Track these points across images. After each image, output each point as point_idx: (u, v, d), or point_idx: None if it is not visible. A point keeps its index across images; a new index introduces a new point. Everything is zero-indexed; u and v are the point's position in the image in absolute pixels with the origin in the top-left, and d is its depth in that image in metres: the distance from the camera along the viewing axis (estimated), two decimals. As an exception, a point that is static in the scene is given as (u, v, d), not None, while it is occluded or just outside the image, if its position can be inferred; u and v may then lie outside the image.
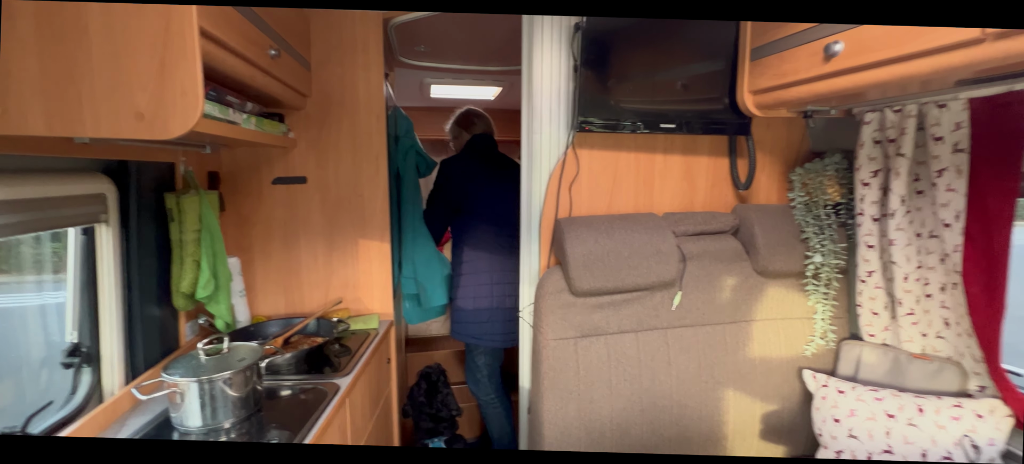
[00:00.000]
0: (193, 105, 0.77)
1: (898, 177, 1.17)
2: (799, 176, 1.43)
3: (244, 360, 1.04)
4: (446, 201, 1.84)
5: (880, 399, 1.22)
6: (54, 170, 0.94)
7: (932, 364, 1.22)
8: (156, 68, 0.74)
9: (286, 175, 1.56)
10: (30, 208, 0.87)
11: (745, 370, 1.36)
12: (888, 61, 0.87)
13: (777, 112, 1.28)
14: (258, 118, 1.22)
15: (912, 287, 1.23)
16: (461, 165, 1.85)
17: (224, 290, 1.32)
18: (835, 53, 0.95)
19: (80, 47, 0.71)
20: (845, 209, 1.38)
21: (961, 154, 1.05)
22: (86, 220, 1.02)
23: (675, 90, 1.37)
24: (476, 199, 1.83)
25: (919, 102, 1.10)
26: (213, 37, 0.86)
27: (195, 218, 1.23)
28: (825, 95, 1.06)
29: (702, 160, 1.48)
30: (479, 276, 1.83)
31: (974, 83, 0.91)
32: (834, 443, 1.25)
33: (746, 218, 1.39)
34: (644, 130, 1.36)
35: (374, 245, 1.63)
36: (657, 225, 1.32)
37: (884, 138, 1.20)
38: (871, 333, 1.33)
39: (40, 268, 1.07)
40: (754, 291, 1.38)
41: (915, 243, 1.21)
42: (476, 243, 1.84)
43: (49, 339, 1.08)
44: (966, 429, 1.11)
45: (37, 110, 0.72)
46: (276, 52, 1.16)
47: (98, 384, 1.07)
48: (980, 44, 0.73)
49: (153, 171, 1.18)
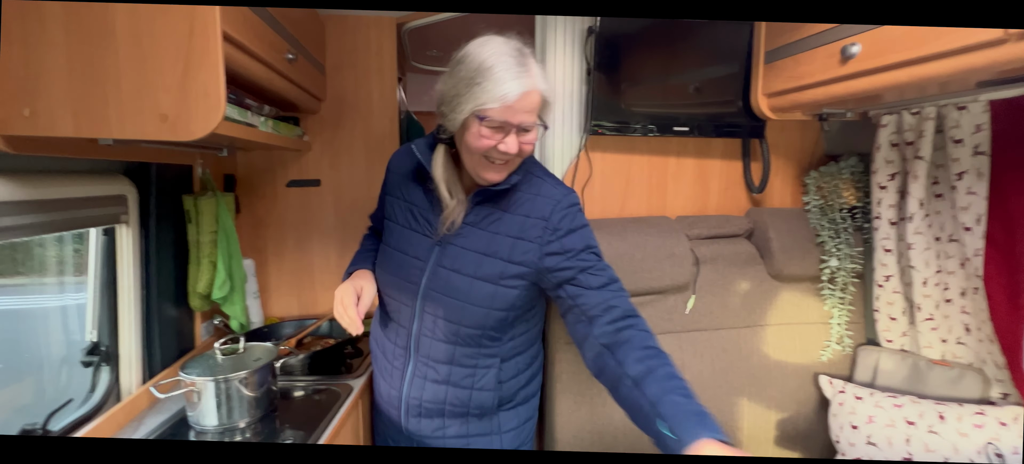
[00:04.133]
0: (215, 107, 0.78)
1: (916, 180, 1.15)
2: (814, 179, 1.41)
3: (260, 360, 1.04)
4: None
5: (899, 406, 1.20)
6: (77, 171, 0.96)
7: (953, 370, 1.20)
8: (180, 70, 0.75)
9: (300, 178, 1.58)
10: (55, 208, 0.89)
11: (760, 375, 1.34)
12: (907, 63, 0.86)
13: (792, 115, 1.28)
14: (274, 121, 1.23)
15: (931, 292, 1.21)
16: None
17: (239, 291, 1.33)
18: (852, 55, 0.95)
19: (107, 49, 0.73)
20: (861, 213, 1.36)
21: (982, 157, 1.04)
22: (107, 221, 1.04)
23: (688, 93, 1.36)
24: None
25: (938, 104, 1.09)
26: (234, 41, 0.87)
27: (212, 220, 1.25)
28: (842, 98, 1.05)
29: (715, 163, 1.47)
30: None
31: (996, 84, 0.90)
32: (852, 450, 1.23)
33: (760, 222, 1.38)
34: (657, 133, 1.36)
35: (386, 248, 1.64)
36: (670, 228, 1.31)
37: (901, 141, 1.19)
38: (889, 338, 1.31)
39: (62, 269, 1.09)
40: (768, 295, 1.36)
41: (934, 247, 1.19)
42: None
43: (69, 338, 1.09)
44: (990, 437, 1.09)
45: (65, 111, 0.73)
46: (293, 56, 1.17)
47: (116, 382, 1.09)
48: (1003, 44, 0.72)
49: (172, 173, 1.20)
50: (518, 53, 0.80)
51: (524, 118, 0.80)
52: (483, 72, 0.78)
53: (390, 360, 1.00)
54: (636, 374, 0.78)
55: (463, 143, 0.85)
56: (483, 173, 0.86)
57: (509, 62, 0.78)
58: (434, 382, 0.95)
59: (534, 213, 0.90)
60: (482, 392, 0.96)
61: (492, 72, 0.78)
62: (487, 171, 0.85)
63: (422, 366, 0.95)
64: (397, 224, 0.97)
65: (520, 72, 0.78)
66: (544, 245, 0.88)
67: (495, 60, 0.78)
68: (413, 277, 0.93)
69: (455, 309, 0.90)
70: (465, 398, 0.96)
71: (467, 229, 0.90)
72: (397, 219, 0.97)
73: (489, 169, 0.85)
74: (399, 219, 0.97)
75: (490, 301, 0.90)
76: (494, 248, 0.89)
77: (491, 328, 0.92)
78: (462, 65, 0.81)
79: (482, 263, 0.89)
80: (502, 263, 0.89)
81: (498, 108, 0.78)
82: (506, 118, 0.79)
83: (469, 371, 0.95)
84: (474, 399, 0.96)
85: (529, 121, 0.81)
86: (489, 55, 0.79)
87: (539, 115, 0.83)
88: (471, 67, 0.80)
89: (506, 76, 0.77)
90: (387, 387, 1.02)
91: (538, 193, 0.91)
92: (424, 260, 0.92)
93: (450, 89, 0.83)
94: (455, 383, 0.95)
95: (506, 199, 0.91)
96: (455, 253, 0.90)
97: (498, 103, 0.78)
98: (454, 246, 0.90)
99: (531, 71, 0.80)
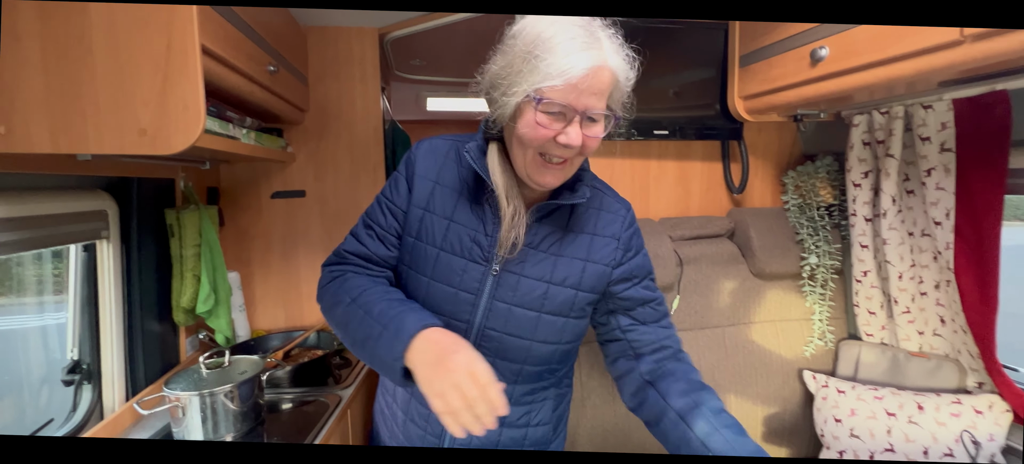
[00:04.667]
0: (195, 121, 0.78)
1: (888, 177, 1.19)
2: (792, 179, 1.45)
3: (245, 373, 1.04)
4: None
5: (880, 398, 1.23)
6: (56, 187, 0.95)
7: (930, 361, 1.23)
8: (159, 84, 0.75)
9: (285, 189, 1.58)
10: (33, 225, 0.88)
11: (745, 373, 1.36)
12: (872, 64, 0.89)
13: (768, 117, 1.31)
14: (257, 133, 1.23)
15: (907, 285, 1.24)
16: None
17: (224, 304, 1.32)
18: (821, 58, 0.98)
19: (84, 64, 0.73)
20: (838, 210, 1.40)
21: (948, 153, 1.08)
22: (87, 237, 1.03)
23: (668, 97, 1.39)
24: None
25: (905, 104, 1.13)
26: (214, 54, 0.87)
27: (195, 233, 1.24)
28: (813, 99, 1.09)
29: (696, 165, 1.50)
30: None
31: (957, 84, 0.94)
32: (836, 443, 1.26)
33: (741, 221, 1.41)
34: (638, 137, 1.39)
35: (373, 257, 1.64)
36: (653, 230, 1.34)
37: (873, 140, 1.23)
38: (869, 332, 1.34)
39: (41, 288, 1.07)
40: (752, 294, 1.39)
41: (908, 242, 1.23)
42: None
43: (50, 357, 1.08)
44: (966, 425, 1.12)
45: (42, 128, 0.73)
46: (274, 68, 1.18)
47: (99, 400, 1.07)
48: (959, 46, 0.75)
49: (153, 187, 1.19)
50: (586, 23, 0.65)
51: (591, 102, 0.64)
52: (542, 43, 0.63)
53: (425, 405, 0.78)
54: (681, 408, 0.73)
55: (516, 136, 0.69)
56: (537, 175, 0.70)
57: (575, 31, 0.63)
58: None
59: (602, 231, 0.78)
60: (538, 428, 0.84)
61: (553, 43, 0.63)
62: (542, 173, 0.69)
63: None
64: (435, 248, 0.76)
65: (588, 43, 0.63)
66: (615, 268, 0.78)
67: (557, 29, 0.64)
68: (462, 315, 0.75)
69: (519, 350, 0.76)
70: (519, 438, 0.83)
71: (527, 252, 0.75)
72: (435, 241, 0.76)
73: (544, 170, 0.69)
74: (438, 241, 0.75)
75: (559, 335, 0.77)
76: (562, 275, 0.75)
77: (557, 361, 0.81)
78: (517, 39, 0.66)
79: (548, 293, 0.75)
80: (571, 292, 0.76)
81: (560, 87, 0.62)
82: (569, 101, 0.63)
83: (525, 410, 0.83)
84: (529, 437, 0.84)
85: (597, 108, 0.65)
86: (549, 24, 0.64)
87: (610, 102, 0.67)
88: (528, 39, 0.65)
89: (572, 47, 0.62)
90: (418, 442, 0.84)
91: (602, 207, 0.79)
92: (476, 294, 0.75)
93: (503, 67, 0.67)
94: (510, 424, 0.82)
95: (570, 216, 0.77)
96: (515, 283, 0.74)
97: (561, 80, 0.62)
98: (513, 275, 0.74)
99: (602, 44, 0.64)
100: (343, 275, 0.78)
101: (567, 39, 0.62)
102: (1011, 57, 0.72)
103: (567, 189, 0.74)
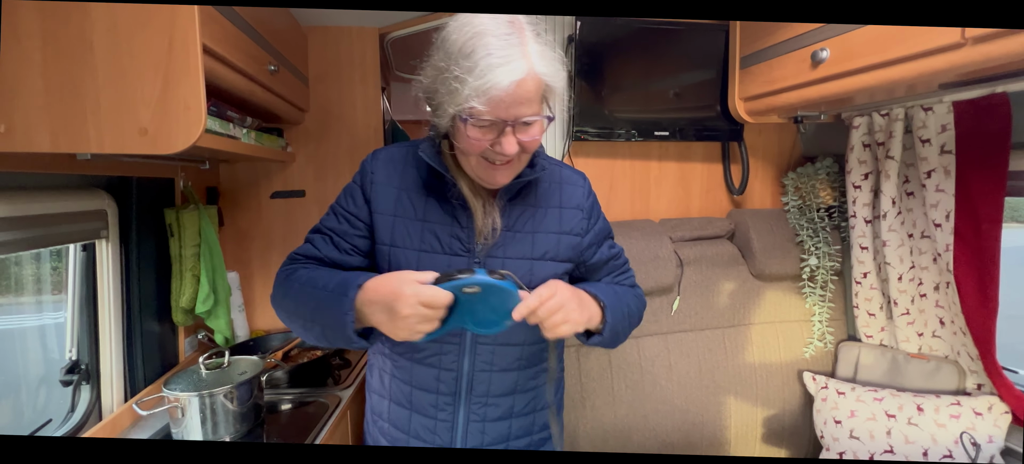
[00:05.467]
0: (196, 120, 0.78)
1: (888, 179, 1.19)
2: (792, 180, 1.45)
3: (245, 374, 1.03)
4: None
5: (880, 399, 1.23)
6: (55, 187, 0.95)
7: (929, 363, 1.23)
8: (160, 84, 0.75)
9: (285, 189, 1.57)
10: (32, 225, 0.87)
11: (745, 374, 1.36)
12: (873, 66, 0.90)
13: (768, 118, 1.31)
14: (257, 133, 1.23)
15: (906, 287, 1.24)
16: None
17: (223, 305, 1.32)
18: (822, 60, 0.98)
19: (86, 64, 0.73)
20: (837, 212, 1.40)
21: (948, 155, 1.08)
22: (87, 236, 1.03)
23: (668, 98, 1.40)
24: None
25: (905, 106, 1.13)
26: (215, 53, 0.87)
27: (194, 233, 1.24)
28: (814, 101, 1.09)
29: (696, 166, 1.50)
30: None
31: (957, 86, 0.94)
32: (836, 445, 1.26)
33: (741, 223, 1.41)
34: (639, 138, 1.39)
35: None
36: (654, 231, 1.34)
37: (873, 141, 1.23)
38: (868, 334, 1.34)
39: (40, 288, 1.07)
40: (751, 295, 1.39)
41: (908, 243, 1.23)
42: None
43: (48, 357, 1.07)
44: (965, 427, 1.12)
45: (42, 127, 0.73)
46: (275, 67, 1.18)
47: (97, 401, 1.06)
48: (960, 48, 0.75)
49: (153, 187, 1.19)
50: (507, 29, 0.63)
51: (520, 111, 0.64)
52: (463, 60, 0.62)
53: (430, 416, 0.81)
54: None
55: (457, 146, 0.71)
56: (486, 176, 0.71)
57: (494, 45, 0.61)
58: (495, 420, 0.82)
59: (568, 202, 0.80)
60: (544, 411, 0.87)
61: (473, 60, 0.61)
62: (490, 174, 0.71)
63: (479, 408, 0.81)
64: (415, 250, 0.76)
65: (508, 55, 0.61)
66: (584, 236, 0.81)
67: (476, 43, 0.62)
68: None
69: (516, 331, 0.74)
70: (528, 425, 0.85)
71: (505, 235, 0.76)
72: (413, 244, 0.76)
73: (492, 172, 0.70)
74: (416, 244, 0.76)
75: None
76: (541, 249, 0.78)
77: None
78: (440, 51, 0.66)
79: (533, 269, 0.77)
80: (553, 264, 0.78)
81: (484, 106, 0.62)
82: (497, 115, 0.63)
83: (531, 395, 0.84)
84: (537, 422, 0.86)
85: (528, 114, 0.65)
86: (469, 38, 0.62)
87: (545, 103, 0.67)
88: (450, 54, 0.64)
89: (491, 63, 0.61)
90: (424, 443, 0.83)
91: (563, 180, 0.82)
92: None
93: (432, 81, 0.68)
94: (519, 413, 0.84)
95: (535, 192, 0.79)
96: (499, 266, 0.75)
97: (483, 99, 0.61)
98: (496, 259, 0.76)
99: (525, 51, 0.62)
100: (293, 271, 0.78)
101: (486, 55, 0.61)
102: (1012, 60, 0.72)
103: (526, 166, 0.75)
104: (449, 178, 0.74)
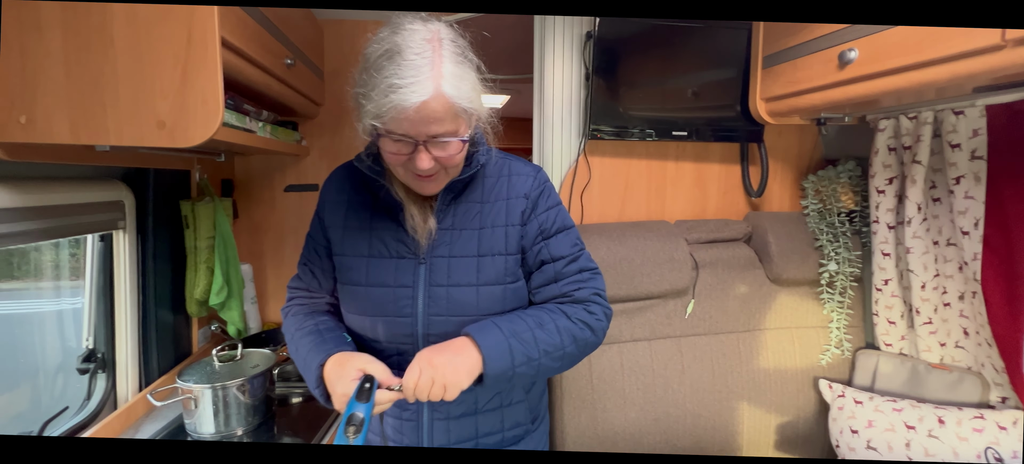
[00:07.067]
0: (213, 113, 0.78)
1: (914, 184, 1.16)
2: (812, 183, 1.42)
3: (258, 367, 1.04)
4: None
5: (899, 410, 1.20)
6: (75, 178, 0.96)
7: (952, 374, 1.20)
8: (178, 77, 0.75)
9: (298, 183, 1.58)
10: (52, 214, 0.88)
11: (759, 379, 1.34)
12: (904, 68, 0.86)
13: (790, 119, 1.28)
14: (273, 126, 1.23)
15: (930, 295, 1.21)
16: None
17: (237, 297, 1.33)
18: (850, 60, 0.95)
19: (106, 57, 0.73)
20: (859, 217, 1.37)
21: (979, 161, 1.04)
22: (104, 227, 1.04)
23: (686, 97, 1.37)
24: None
25: (935, 109, 1.09)
26: (233, 47, 0.87)
27: (209, 225, 1.24)
28: (839, 102, 1.06)
29: (714, 167, 1.47)
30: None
31: (992, 89, 0.90)
32: (852, 455, 1.23)
33: (759, 225, 1.38)
34: (655, 137, 1.36)
35: (385, 252, 1.63)
36: (669, 232, 1.31)
37: (899, 145, 1.19)
38: (888, 342, 1.31)
39: (58, 273, 1.08)
40: (768, 299, 1.36)
41: (932, 251, 1.19)
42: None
43: (65, 345, 1.09)
44: (989, 441, 1.09)
45: (62, 118, 0.73)
46: (292, 61, 1.17)
47: (113, 390, 1.08)
48: (1000, 50, 0.72)
49: (169, 178, 1.19)
50: (422, 47, 0.62)
51: (430, 130, 0.64)
52: (371, 78, 0.63)
53: (395, 416, 0.84)
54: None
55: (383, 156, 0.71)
56: (415, 186, 0.72)
57: (401, 65, 0.61)
58: (460, 418, 0.83)
59: (513, 193, 0.79)
60: (517, 406, 0.86)
61: (379, 79, 0.62)
62: (419, 184, 0.72)
63: (441, 405, 0.82)
64: (362, 257, 0.79)
65: (414, 78, 0.61)
66: (524, 225, 0.79)
67: (384, 62, 0.62)
68: (405, 309, 0.77)
69: (466, 327, 0.76)
70: (496, 422, 0.85)
71: (449, 235, 0.77)
72: (362, 252, 0.79)
73: (420, 182, 0.71)
74: (365, 251, 0.79)
75: (502, 304, 0.78)
76: (488, 245, 0.78)
77: None
78: (360, 64, 0.67)
79: (480, 266, 0.77)
80: (502, 258, 0.78)
81: (390, 125, 0.63)
82: (406, 131, 0.64)
83: (498, 414, 0.85)
84: (508, 418, 0.86)
85: (440, 133, 0.65)
86: (379, 56, 0.63)
87: (463, 122, 0.67)
88: (365, 68, 0.65)
89: (395, 84, 0.61)
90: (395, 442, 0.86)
91: (511, 173, 0.81)
92: (412, 286, 0.77)
93: (354, 92, 0.69)
94: (483, 409, 0.84)
95: (481, 188, 0.79)
96: (445, 265, 0.77)
97: (390, 118, 0.62)
98: (442, 258, 0.77)
99: (434, 73, 0.62)
100: (289, 313, 0.85)
101: (391, 76, 0.61)
102: (1055, 64, 0.69)
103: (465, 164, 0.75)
104: (382, 184, 0.76)
